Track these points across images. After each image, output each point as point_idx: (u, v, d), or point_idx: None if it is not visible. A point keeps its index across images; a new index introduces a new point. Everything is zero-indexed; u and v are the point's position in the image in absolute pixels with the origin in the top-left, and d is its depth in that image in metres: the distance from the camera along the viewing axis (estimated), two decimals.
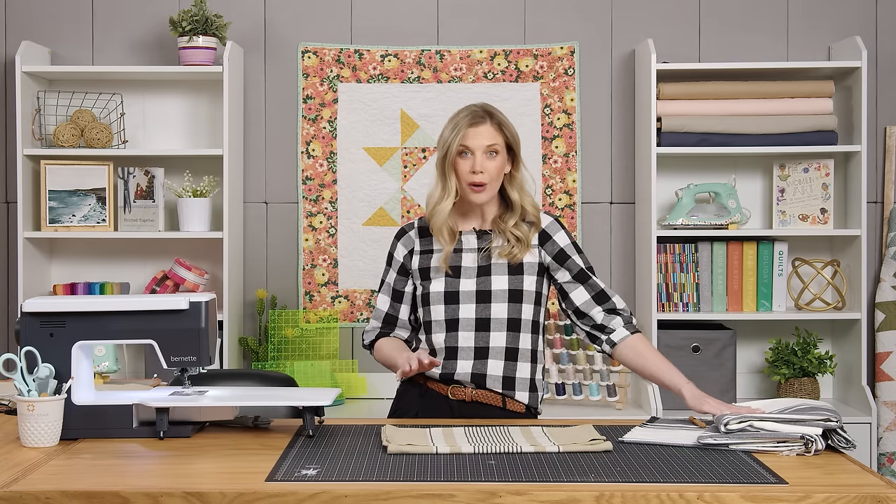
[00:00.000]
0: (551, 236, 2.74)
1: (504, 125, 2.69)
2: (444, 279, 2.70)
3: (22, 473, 2.06)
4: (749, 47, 4.13)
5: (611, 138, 4.17)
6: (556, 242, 2.73)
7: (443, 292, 2.69)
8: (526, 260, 2.71)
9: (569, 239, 2.75)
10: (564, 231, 2.76)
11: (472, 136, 2.66)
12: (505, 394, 2.69)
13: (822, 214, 4.00)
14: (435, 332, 2.71)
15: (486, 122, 2.67)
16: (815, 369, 3.93)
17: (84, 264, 4.14)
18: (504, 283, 2.68)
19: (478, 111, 2.69)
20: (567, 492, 1.94)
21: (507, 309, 2.67)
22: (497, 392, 2.69)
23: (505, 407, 2.69)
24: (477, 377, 2.68)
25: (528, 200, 2.74)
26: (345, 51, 4.13)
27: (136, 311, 2.38)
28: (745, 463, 2.12)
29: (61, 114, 4.01)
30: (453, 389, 2.69)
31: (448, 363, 2.69)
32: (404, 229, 2.82)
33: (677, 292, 3.99)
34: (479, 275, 2.69)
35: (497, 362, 2.67)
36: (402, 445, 2.19)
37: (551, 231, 2.75)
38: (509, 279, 2.68)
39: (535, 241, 2.73)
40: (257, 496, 1.93)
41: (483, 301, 2.67)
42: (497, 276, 2.68)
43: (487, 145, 2.66)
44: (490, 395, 2.69)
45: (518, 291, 2.68)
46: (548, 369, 4.01)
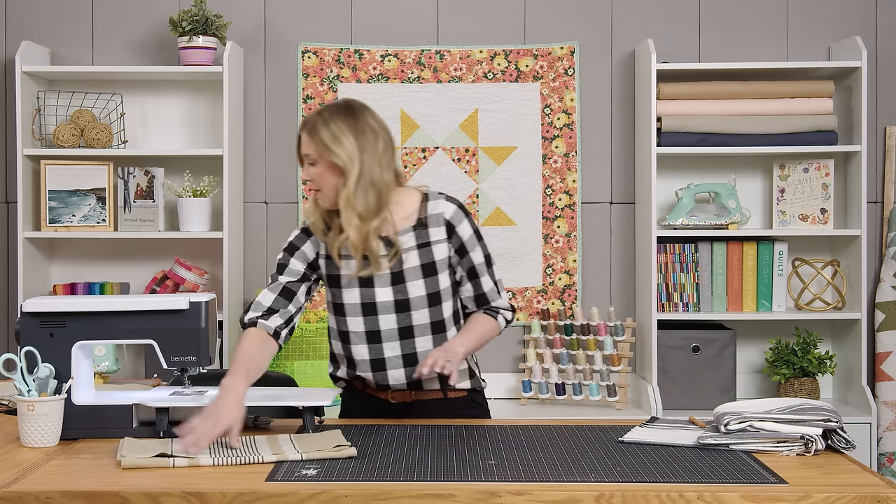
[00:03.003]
0: (456, 228, 2.60)
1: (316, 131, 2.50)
2: (359, 290, 2.57)
3: (22, 473, 2.06)
4: (749, 47, 4.13)
5: (611, 138, 4.17)
6: (460, 236, 2.60)
7: (359, 304, 2.58)
8: (437, 257, 2.58)
9: (471, 229, 2.62)
10: (468, 220, 2.62)
11: (301, 144, 2.55)
12: (445, 388, 2.68)
13: (822, 214, 4.00)
14: (354, 343, 2.60)
15: (304, 129, 2.52)
16: (815, 369, 3.93)
17: (84, 264, 4.14)
18: (421, 288, 2.57)
19: (306, 118, 2.54)
20: (567, 492, 1.94)
21: (429, 314, 2.59)
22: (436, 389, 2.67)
23: (447, 397, 2.67)
24: (413, 384, 2.64)
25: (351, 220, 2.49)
26: (345, 51, 4.13)
27: (136, 311, 2.38)
28: (745, 463, 2.12)
29: (61, 114, 4.01)
30: (393, 394, 2.65)
31: (378, 375, 2.62)
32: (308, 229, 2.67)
33: (677, 292, 3.99)
34: (395, 282, 2.57)
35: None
36: (136, 459, 2.10)
37: (456, 222, 2.60)
38: (426, 283, 2.58)
39: (444, 234, 2.59)
40: (257, 496, 1.93)
41: (403, 310, 2.57)
42: (412, 281, 2.56)
43: (304, 154, 2.53)
44: (430, 392, 2.67)
45: (436, 294, 2.59)
46: (547, 369, 4.01)
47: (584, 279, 4.16)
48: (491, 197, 4.14)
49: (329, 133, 2.49)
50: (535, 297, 4.16)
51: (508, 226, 4.14)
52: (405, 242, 2.57)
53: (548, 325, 4.08)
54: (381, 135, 2.53)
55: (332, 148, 2.48)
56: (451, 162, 4.13)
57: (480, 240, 2.64)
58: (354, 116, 2.52)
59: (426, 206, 2.60)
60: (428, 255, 2.58)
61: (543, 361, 4.04)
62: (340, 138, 2.49)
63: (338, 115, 2.51)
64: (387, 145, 2.54)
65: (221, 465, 2.11)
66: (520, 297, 4.15)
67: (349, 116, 2.51)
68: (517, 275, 4.15)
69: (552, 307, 4.15)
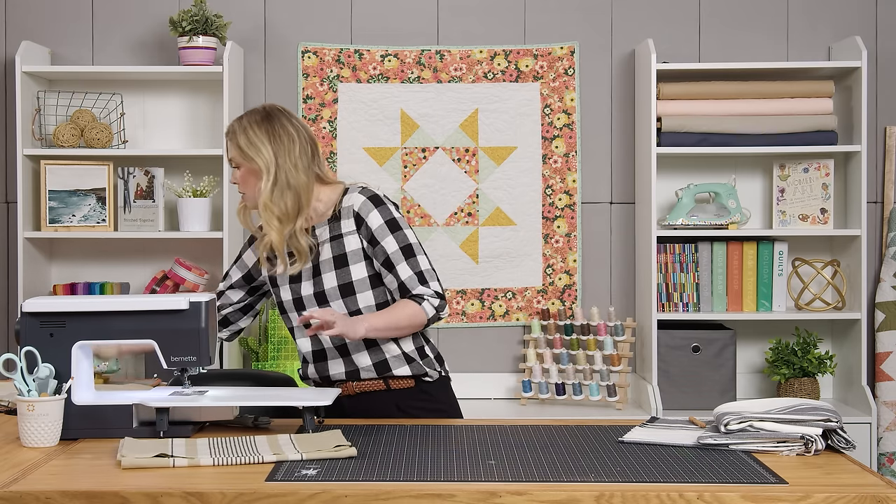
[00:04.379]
0: (364, 219, 2.66)
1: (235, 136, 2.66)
2: (289, 286, 2.73)
3: (22, 473, 2.06)
4: (749, 47, 4.13)
5: (611, 138, 4.17)
6: (368, 226, 2.66)
7: (291, 300, 2.72)
8: (348, 249, 2.66)
9: (381, 218, 2.66)
10: (378, 210, 2.66)
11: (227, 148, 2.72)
12: (384, 377, 2.70)
13: (822, 214, 4.00)
14: (298, 337, 2.75)
15: (227, 135, 2.69)
16: (815, 369, 3.93)
17: (84, 264, 4.15)
18: (333, 279, 2.67)
19: (230, 124, 2.70)
20: (567, 492, 1.94)
21: (344, 304, 2.66)
22: (375, 379, 2.70)
23: (389, 388, 2.70)
24: (351, 373, 2.70)
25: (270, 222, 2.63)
26: (345, 51, 4.13)
27: (136, 311, 2.38)
28: (745, 463, 2.12)
29: (61, 114, 4.01)
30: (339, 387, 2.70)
31: (320, 366, 2.73)
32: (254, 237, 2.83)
33: (677, 292, 3.99)
34: (314, 275, 2.69)
35: (362, 355, 2.68)
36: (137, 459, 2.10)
37: (364, 213, 2.66)
38: (337, 274, 2.67)
39: (353, 225, 2.67)
40: (257, 496, 1.93)
41: (321, 302, 2.68)
42: (326, 273, 2.67)
43: (229, 158, 2.69)
44: (371, 383, 2.71)
45: (348, 285, 2.66)
46: (547, 369, 4.01)
47: (584, 279, 4.16)
48: (491, 197, 4.14)
49: (246, 139, 2.64)
50: (535, 297, 4.16)
51: (508, 226, 4.14)
52: (320, 235, 2.69)
53: (548, 325, 4.08)
54: (297, 139, 2.65)
55: (249, 153, 2.63)
56: (451, 162, 4.13)
57: (397, 229, 2.66)
58: (270, 122, 2.65)
59: (342, 199, 2.70)
60: (339, 247, 2.67)
61: (543, 361, 4.04)
62: (256, 144, 2.63)
63: (254, 121, 2.65)
64: (304, 148, 2.66)
65: (221, 465, 2.11)
66: (520, 297, 4.16)
67: (265, 122, 2.65)
68: (517, 275, 4.15)
69: (552, 307, 4.15)
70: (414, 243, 2.67)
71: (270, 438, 2.28)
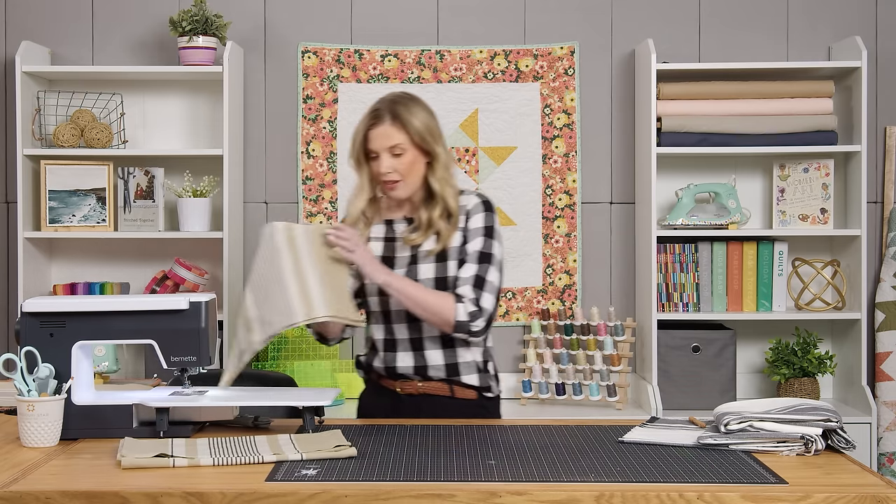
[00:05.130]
0: (470, 218, 2.68)
1: (407, 123, 2.61)
2: None
3: (22, 473, 2.06)
4: (749, 47, 4.13)
5: (611, 138, 4.17)
6: (469, 226, 2.67)
7: (377, 286, 2.65)
8: (452, 244, 2.65)
9: (482, 222, 2.67)
10: (484, 214, 2.68)
11: (374, 139, 2.62)
12: (451, 381, 2.68)
13: (822, 214, 4.00)
14: (373, 323, 2.74)
15: (385, 121, 2.61)
16: (815, 369, 3.93)
17: (84, 264, 4.14)
18: (430, 271, 2.64)
19: (379, 110, 2.63)
20: (567, 492, 1.94)
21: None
22: (443, 381, 2.67)
23: (454, 395, 2.68)
24: (419, 369, 2.68)
25: (449, 192, 2.66)
26: (345, 51, 4.13)
27: (136, 311, 2.38)
28: (745, 463, 2.12)
29: (61, 114, 4.01)
30: (401, 384, 2.69)
31: (388, 356, 2.70)
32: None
33: (677, 292, 3.99)
34: (410, 264, 2.66)
35: (435, 351, 2.66)
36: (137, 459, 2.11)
37: (472, 213, 2.68)
38: (436, 267, 2.64)
39: (462, 223, 2.68)
40: (257, 496, 1.93)
41: None
42: (424, 264, 2.65)
43: (389, 147, 2.61)
44: (437, 385, 2.68)
45: (444, 279, 2.63)
46: (547, 369, 4.01)
47: (584, 279, 4.16)
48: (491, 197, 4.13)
49: (420, 122, 2.62)
50: (535, 297, 4.16)
51: (508, 226, 4.14)
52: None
53: (548, 325, 4.08)
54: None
55: (428, 139, 2.63)
56: None
57: (490, 237, 2.66)
58: (424, 104, 2.68)
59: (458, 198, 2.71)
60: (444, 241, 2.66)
61: (543, 361, 4.04)
62: (430, 126, 2.65)
63: (415, 104, 2.65)
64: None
65: (221, 465, 2.11)
66: (520, 297, 4.16)
67: (422, 104, 2.67)
68: (517, 275, 4.15)
69: (552, 307, 4.15)
70: (495, 255, 2.65)
71: (270, 438, 2.28)
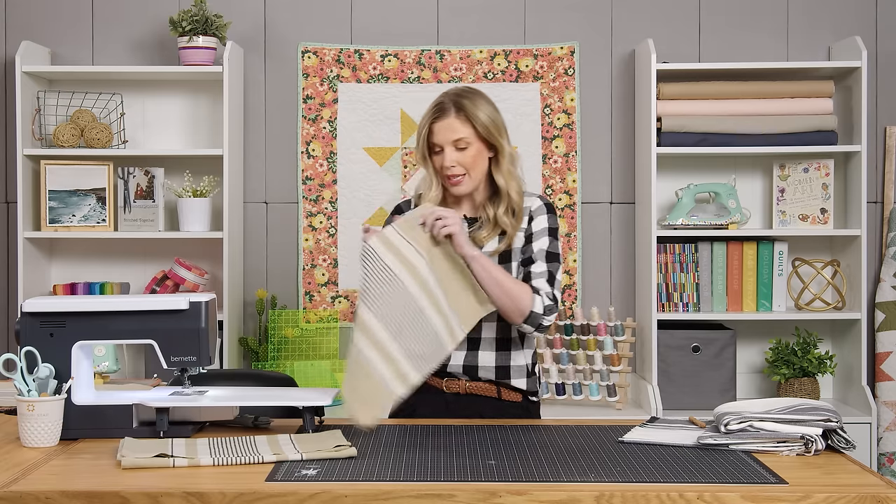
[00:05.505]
0: (534, 219, 2.66)
1: (472, 116, 2.58)
2: None
3: (22, 473, 2.06)
4: (749, 47, 4.13)
5: (611, 138, 4.17)
6: (532, 227, 2.65)
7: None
8: (515, 245, 2.63)
9: (546, 223, 2.65)
10: (547, 216, 2.66)
11: (438, 132, 2.59)
12: (500, 383, 2.66)
13: (822, 214, 4.00)
14: None
15: (450, 115, 2.58)
16: (815, 369, 3.93)
17: (84, 264, 4.14)
18: None
19: (443, 103, 2.60)
20: (567, 492, 1.94)
21: None
22: (491, 382, 2.66)
23: (500, 397, 2.66)
24: (469, 369, 2.65)
25: (514, 187, 2.64)
26: (345, 51, 4.13)
27: (136, 311, 2.38)
28: (745, 463, 2.12)
29: (61, 114, 4.01)
30: (447, 382, 2.67)
31: None
32: (401, 207, 2.75)
33: (677, 292, 3.99)
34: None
35: (488, 353, 2.64)
36: (137, 459, 2.10)
37: (536, 214, 2.66)
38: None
39: (525, 224, 2.66)
40: (257, 496, 1.93)
41: None
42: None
43: (454, 140, 2.58)
44: (484, 386, 2.66)
45: None
46: (547, 369, 4.01)
47: (584, 279, 4.16)
48: None
49: (485, 115, 2.60)
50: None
51: None
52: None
53: None
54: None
55: (494, 133, 2.60)
56: None
57: (554, 237, 2.65)
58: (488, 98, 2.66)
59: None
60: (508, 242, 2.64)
61: (543, 361, 4.04)
62: (495, 119, 2.62)
63: (479, 97, 2.62)
64: None
65: (221, 465, 2.11)
66: None
67: (486, 98, 2.65)
68: None
69: None
70: (559, 254, 2.65)
71: (270, 438, 2.28)
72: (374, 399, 2.32)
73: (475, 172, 2.61)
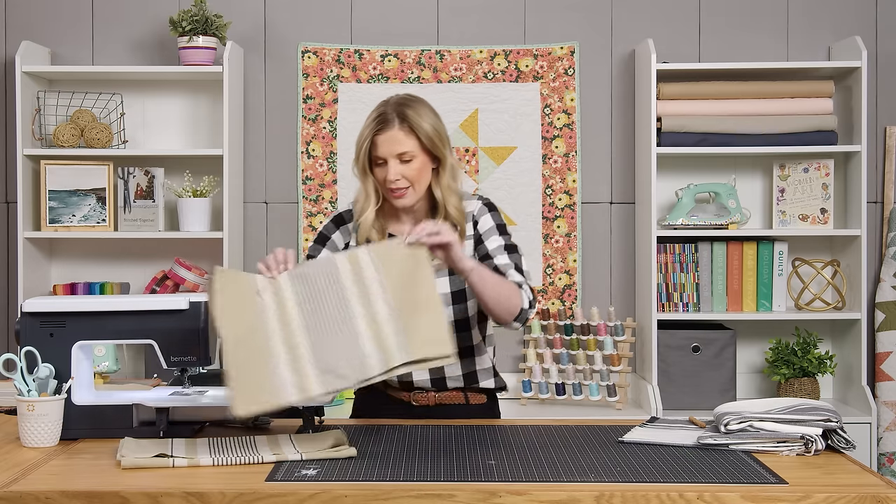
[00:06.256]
0: (478, 222, 2.59)
1: (416, 126, 2.46)
2: None
3: (22, 473, 2.06)
4: (749, 47, 4.13)
5: (611, 138, 4.17)
6: (479, 229, 2.58)
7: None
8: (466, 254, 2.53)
9: (492, 221, 2.59)
10: (490, 214, 2.60)
11: (381, 145, 2.46)
12: (468, 388, 2.64)
13: (822, 214, 4.00)
14: None
15: (393, 126, 2.46)
16: (815, 369, 3.93)
17: (84, 264, 4.14)
18: (445, 285, 2.55)
19: (386, 114, 2.47)
20: (567, 492, 1.94)
21: (453, 311, 2.56)
22: (459, 389, 2.63)
23: (468, 402, 2.64)
24: (437, 381, 2.61)
25: (453, 202, 2.54)
26: (345, 51, 4.13)
27: (136, 311, 2.38)
28: (745, 463, 2.12)
29: (61, 114, 4.01)
30: (416, 395, 2.62)
31: None
32: (343, 217, 2.65)
33: (677, 292, 3.99)
34: None
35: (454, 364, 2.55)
36: (136, 459, 2.10)
37: (479, 216, 2.59)
38: (451, 280, 2.55)
39: (471, 230, 2.59)
40: (257, 496, 1.93)
41: None
42: (438, 278, 2.48)
43: (399, 154, 2.46)
44: (453, 394, 2.64)
45: (461, 292, 2.57)
46: (547, 369, 4.01)
47: (584, 279, 4.16)
48: (491, 197, 4.13)
49: (429, 125, 2.49)
50: (535, 297, 4.15)
51: (508, 226, 4.12)
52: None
53: (548, 325, 4.08)
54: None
55: (438, 144, 2.50)
56: None
57: (504, 233, 2.59)
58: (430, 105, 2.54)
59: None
60: None
61: (543, 361, 4.04)
62: (438, 129, 2.51)
63: (422, 105, 2.51)
64: None
65: (221, 465, 2.11)
66: None
67: (429, 106, 2.53)
68: None
69: (552, 307, 4.15)
70: (517, 245, 2.59)
71: (270, 438, 2.28)
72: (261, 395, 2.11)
73: (419, 185, 2.50)
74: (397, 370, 2.14)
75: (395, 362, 2.14)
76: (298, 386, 2.13)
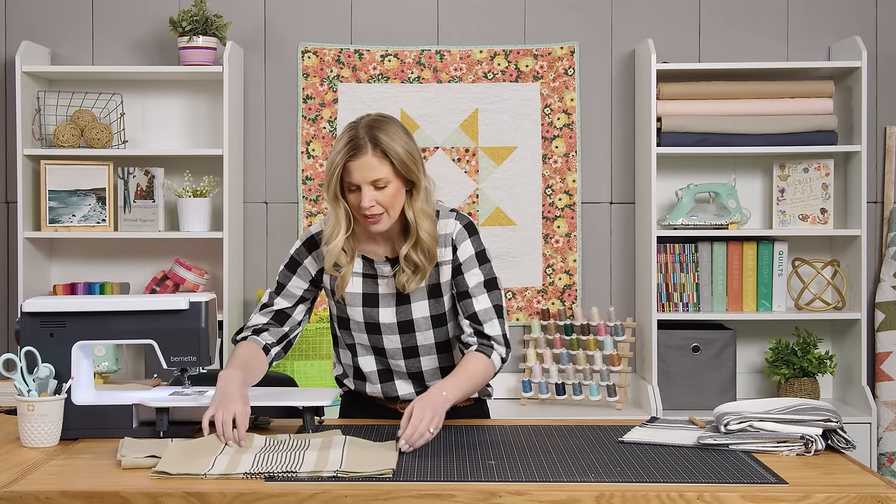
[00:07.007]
0: (458, 247, 2.51)
1: (390, 150, 2.37)
2: (362, 309, 2.52)
3: (22, 473, 2.06)
4: (749, 47, 4.13)
5: (611, 138, 4.17)
6: (458, 256, 2.51)
7: (363, 323, 2.53)
8: (443, 279, 2.50)
9: (472, 249, 2.51)
10: (470, 240, 2.52)
11: (354, 171, 2.37)
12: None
13: (822, 214, 4.00)
14: (361, 354, 2.58)
15: (366, 152, 2.36)
16: (815, 369, 3.93)
17: (84, 264, 4.14)
18: (425, 309, 2.51)
19: (357, 139, 2.37)
20: (567, 492, 1.94)
21: (433, 334, 2.54)
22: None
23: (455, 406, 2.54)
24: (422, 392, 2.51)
25: (425, 227, 2.44)
26: (345, 51, 4.13)
27: (136, 311, 2.38)
28: (745, 463, 2.12)
29: (61, 114, 4.01)
30: (402, 406, 2.59)
31: (386, 385, 2.60)
32: (315, 241, 2.56)
33: (677, 292, 3.99)
34: (399, 303, 2.51)
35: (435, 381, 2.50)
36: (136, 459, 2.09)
37: (458, 241, 2.51)
38: (430, 304, 2.51)
39: (449, 255, 2.51)
40: (257, 496, 1.93)
41: (406, 331, 2.52)
42: (416, 302, 2.50)
43: (372, 180, 2.37)
44: None
45: (441, 316, 2.53)
46: (547, 369, 4.01)
47: (584, 279, 4.16)
48: (491, 197, 4.14)
49: (402, 148, 2.40)
50: (535, 297, 4.16)
51: (508, 226, 4.14)
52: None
53: (548, 325, 4.08)
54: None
55: (413, 168, 2.41)
56: (451, 162, 4.13)
57: (484, 262, 2.52)
58: (402, 125, 2.45)
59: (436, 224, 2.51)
60: (435, 275, 2.51)
61: (543, 361, 4.04)
62: (411, 151, 2.42)
63: (393, 127, 2.41)
64: None
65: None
66: (520, 297, 4.15)
67: (400, 126, 2.44)
68: (517, 275, 4.15)
69: (552, 307, 4.15)
70: (496, 278, 2.53)
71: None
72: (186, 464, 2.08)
73: (393, 210, 2.42)
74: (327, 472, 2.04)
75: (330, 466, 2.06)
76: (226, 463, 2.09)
